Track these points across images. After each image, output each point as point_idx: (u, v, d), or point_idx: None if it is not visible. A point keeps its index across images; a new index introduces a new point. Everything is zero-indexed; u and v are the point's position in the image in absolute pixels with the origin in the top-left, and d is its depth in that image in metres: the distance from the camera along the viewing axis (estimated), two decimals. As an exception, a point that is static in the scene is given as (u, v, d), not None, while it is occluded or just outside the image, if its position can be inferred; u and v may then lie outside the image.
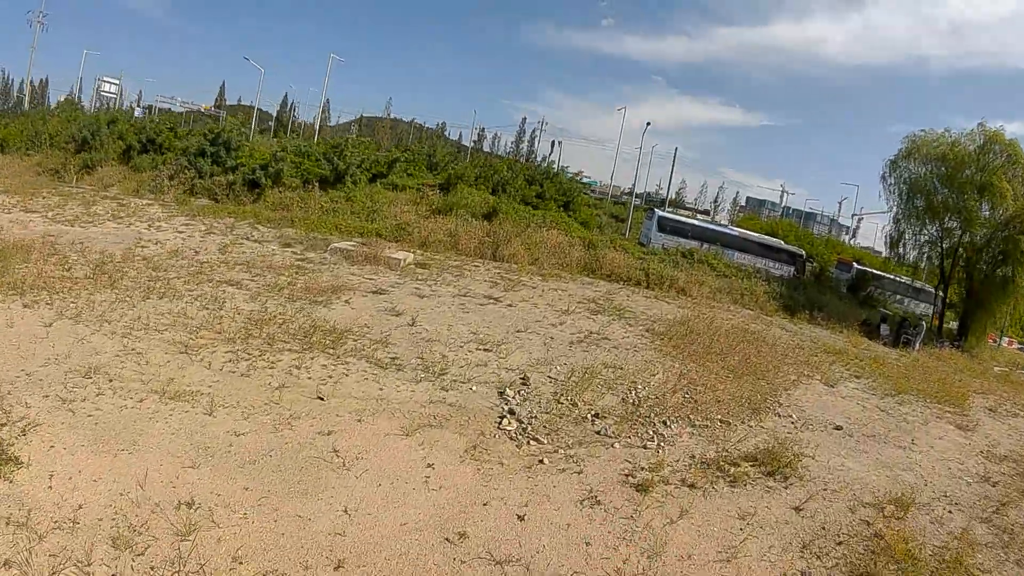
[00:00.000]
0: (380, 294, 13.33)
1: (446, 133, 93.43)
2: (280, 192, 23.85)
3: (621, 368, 10.59)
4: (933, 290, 38.67)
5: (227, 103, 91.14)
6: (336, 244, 17.73)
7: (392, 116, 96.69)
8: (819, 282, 30.04)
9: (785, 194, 76.93)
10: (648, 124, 41.17)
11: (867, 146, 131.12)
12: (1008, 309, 30.87)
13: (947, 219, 27.91)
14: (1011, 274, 26.59)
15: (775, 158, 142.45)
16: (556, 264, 20.80)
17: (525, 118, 60.56)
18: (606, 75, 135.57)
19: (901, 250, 29.90)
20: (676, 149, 49.27)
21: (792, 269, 31.68)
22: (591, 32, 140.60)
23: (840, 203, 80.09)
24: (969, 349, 27.41)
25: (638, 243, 29.31)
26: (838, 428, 10.11)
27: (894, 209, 29.29)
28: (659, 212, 33.30)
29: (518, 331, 11.87)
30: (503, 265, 19.44)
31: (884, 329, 23.06)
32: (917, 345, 22.83)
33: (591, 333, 12.42)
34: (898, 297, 34.52)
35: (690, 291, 20.86)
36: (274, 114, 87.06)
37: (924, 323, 24.53)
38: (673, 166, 47.41)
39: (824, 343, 17.69)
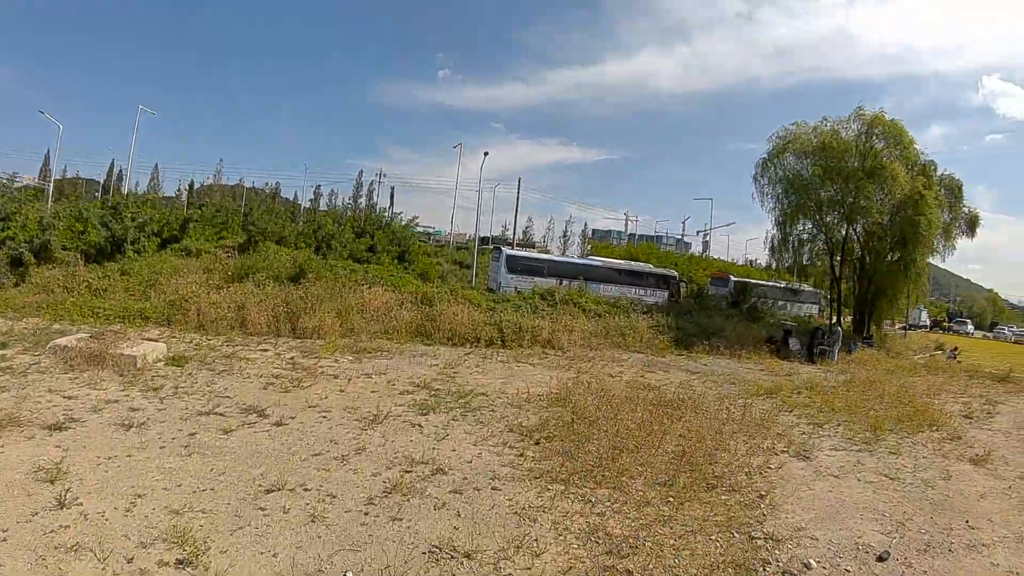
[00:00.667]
0: (58, 431, 6.93)
1: (281, 194, 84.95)
2: (51, 269, 17.87)
3: (470, 555, 4.93)
4: (813, 290, 38.03)
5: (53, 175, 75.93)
6: (59, 340, 11.06)
7: (224, 180, 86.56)
8: (700, 303, 26.87)
9: (629, 221, 77.36)
10: (486, 154, 37.53)
11: (710, 164, 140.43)
12: (907, 293, 30.03)
13: (834, 211, 25.90)
14: (911, 256, 25.21)
15: (620, 189, 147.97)
16: (380, 332, 15.27)
17: (362, 171, 54.88)
18: (447, 126, 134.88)
19: (786, 253, 27.69)
20: (519, 181, 45.83)
21: (666, 294, 28.48)
22: (430, 85, 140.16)
23: (684, 222, 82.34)
24: (880, 344, 25.73)
25: (487, 289, 24.59)
26: (882, 559, 5.51)
27: (776, 211, 26.98)
28: (507, 251, 28.84)
29: (270, 489, 5.86)
30: (304, 343, 13.67)
31: (793, 343, 20.00)
32: (836, 354, 20.07)
33: (413, 464, 6.72)
34: (780, 303, 32.60)
35: (559, 342, 16.15)
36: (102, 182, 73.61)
37: (840, 328, 21.91)
38: (518, 202, 43.90)
39: (747, 381, 13.91)
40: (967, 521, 6.61)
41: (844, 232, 26.37)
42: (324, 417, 8.19)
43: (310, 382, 10.04)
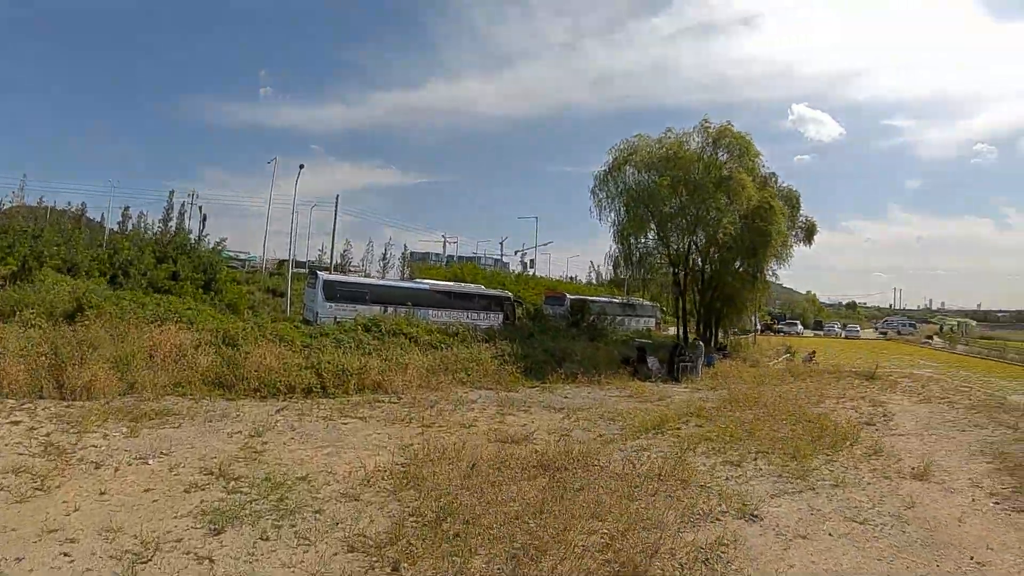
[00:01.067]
0: None
1: (87, 214, 73.03)
2: None
3: None
4: (650, 303, 39.82)
5: None
6: None
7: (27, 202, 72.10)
8: (539, 324, 26.58)
9: (447, 243, 77.33)
10: (301, 167, 34.69)
11: (531, 186, 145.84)
12: (755, 301, 32.07)
13: (679, 223, 26.29)
14: (760, 265, 26.85)
15: (440, 212, 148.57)
16: (170, 384, 12.60)
17: (173, 191, 48.34)
18: (265, 147, 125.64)
19: (629, 267, 28.06)
20: (337, 198, 42.92)
21: (501, 316, 27.85)
22: (251, 104, 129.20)
23: (502, 242, 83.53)
24: (735, 353, 26.95)
25: (302, 321, 22.22)
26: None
27: (617, 225, 26.98)
28: (324, 276, 26.42)
29: None
30: (72, 407, 10.75)
31: (651, 362, 19.90)
32: (700, 369, 20.16)
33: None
34: (618, 319, 33.56)
35: (391, 384, 14.26)
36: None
37: (701, 343, 22.44)
38: (335, 221, 41.12)
39: (623, 414, 13.07)
40: (972, 557, 6.21)
41: (688, 244, 27.01)
42: (66, 556, 5.34)
43: (60, 479, 7.25)
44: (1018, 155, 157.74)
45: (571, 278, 72.72)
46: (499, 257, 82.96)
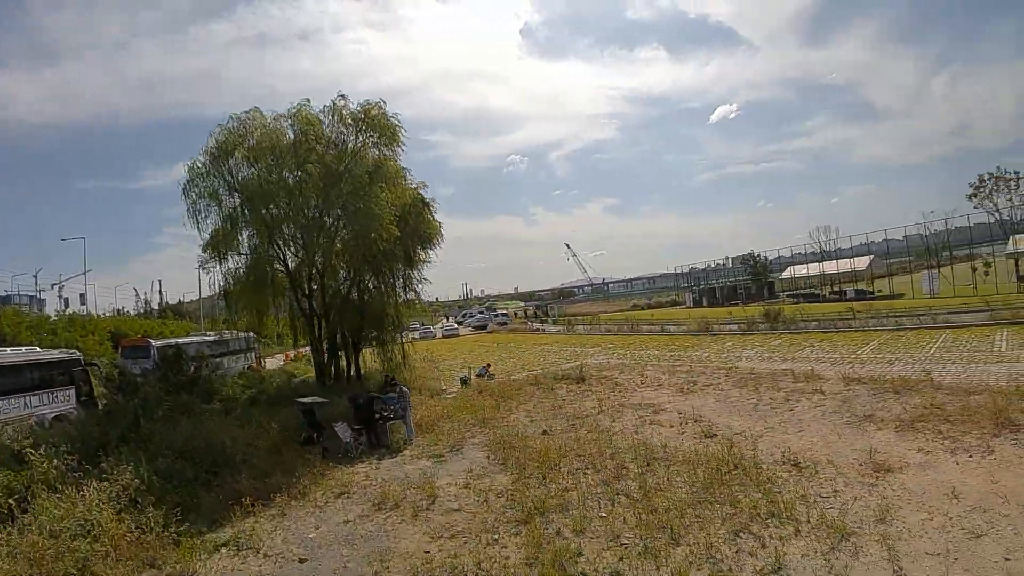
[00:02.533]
0: None
1: None
2: None
3: None
4: (243, 334, 32.14)
5: None
6: None
7: None
8: (132, 396, 17.96)
9: None
10: None
11: (73, 205, 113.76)
12: (411, 316, 27.27)
13: (320, 225, 20.84)
14: (417, 272, 23.09)
15: None
16: None
17: None
18: None
19: (238, 288, 21.48)
20: None
21: (72, 393, 18.50)
22: None
23: (36, 275, 64.32)
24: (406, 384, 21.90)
25: None
26: None
27: (219, 234, 20.23)
28: None
29: None
30: None
31: (343, 431, 13.81)
32: (411, 423, 14.78)
33: None
34: (214, 361, 26.07)
35: None
36: None
37: (402, 387, 16.50)
38: None
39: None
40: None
41: (330, 250, 21.62)
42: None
43: None
44: (543, 165, 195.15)
45: (119, 311, 58.36)
46: (34, 293, 62.07)
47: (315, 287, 22.97)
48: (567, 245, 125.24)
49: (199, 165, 20.32)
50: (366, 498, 10.48)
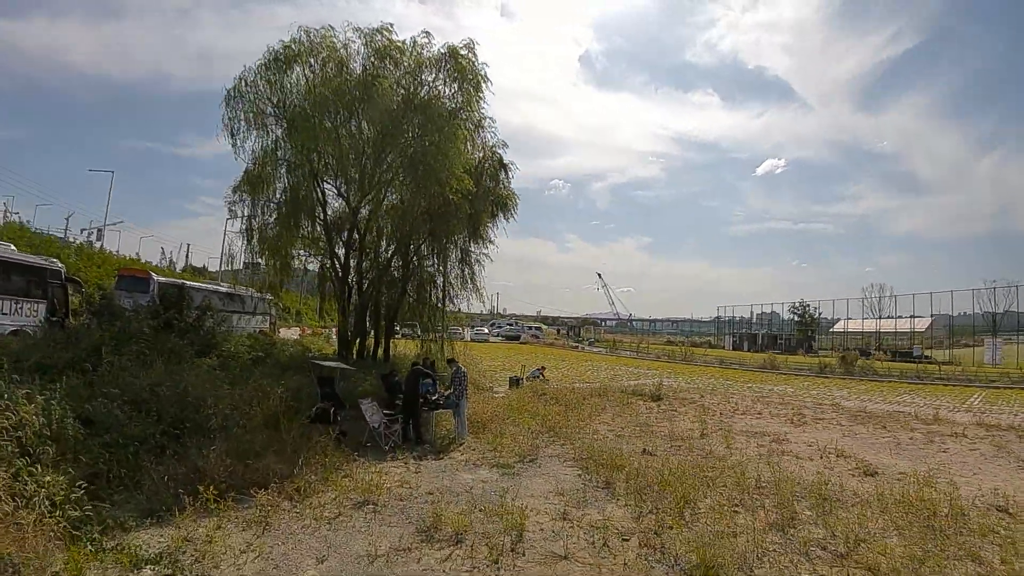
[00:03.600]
0: None
1: None
2: None
3: None
4: (259, 294, 28.39)
5: None
6: None
7: None
8: (109, 322, 14.08)
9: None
10: None
11: (107, 160, 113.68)
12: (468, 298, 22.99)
13: (355, 172, 17.18)
14: (482, 245, 19.25)
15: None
16: None
17: None
18: None
19: (252, 239, 17.76)
20: None
21: (43, 306, 14.89)
22: None
23: (68, 218, 62.56)
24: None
25: None
26: None
27: (266, 160, 16.44)
28: None
29: None
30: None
31: (370, 412, 10.15)
32: (464, 416, 10.89)
33: None
34: (221, 315, 21.93)
35: None
36: None
37: (460, 367, 11.75)
38: None
39: None
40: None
41: (373, 200, 17.98)
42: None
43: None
44: (584, 193, 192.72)
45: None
46: (64, 236, 60.28)
47: (354, 247, 19.16)
48: (599, 275, 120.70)
49: (251, 73, 16.78)
50: (404, 516, 6.55)
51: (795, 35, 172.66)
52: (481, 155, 17.83)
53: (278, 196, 18.04)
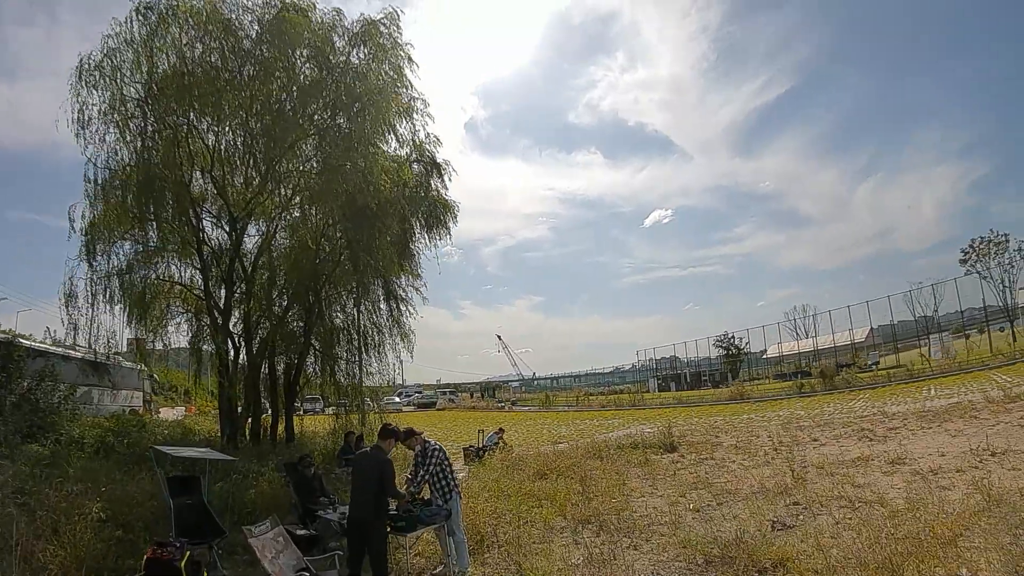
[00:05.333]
0: None
1: None
2: None
3: None
4: (132, 365, 22.23)
5: None
6: None
7: None
8: None
9: None
10: None
11: None
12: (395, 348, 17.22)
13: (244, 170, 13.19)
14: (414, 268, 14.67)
15: None
16: None
17: None
18: None
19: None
20: None
21: None
22: None
23: None
24: None
25: None
26: None
27: (124, 168, 12.36)
28: None
29: None
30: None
31: (274, 547, 4.88)
32: (459, 521, 5.96)
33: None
34: (78, 390, 15.82)
35: None
36: None
37: (421, 435, 6.33)
38: None
39: None
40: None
41: (289, 216, 14.17)
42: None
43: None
44: (475, 259, 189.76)
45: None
46: None
47: (238, 290, 14.34)
48: (499, 336, 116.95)
49: (110, 40, 12.10)
50: None
51: (672, 91, 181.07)
52: (408, 152, 13.65)
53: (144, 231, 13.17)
